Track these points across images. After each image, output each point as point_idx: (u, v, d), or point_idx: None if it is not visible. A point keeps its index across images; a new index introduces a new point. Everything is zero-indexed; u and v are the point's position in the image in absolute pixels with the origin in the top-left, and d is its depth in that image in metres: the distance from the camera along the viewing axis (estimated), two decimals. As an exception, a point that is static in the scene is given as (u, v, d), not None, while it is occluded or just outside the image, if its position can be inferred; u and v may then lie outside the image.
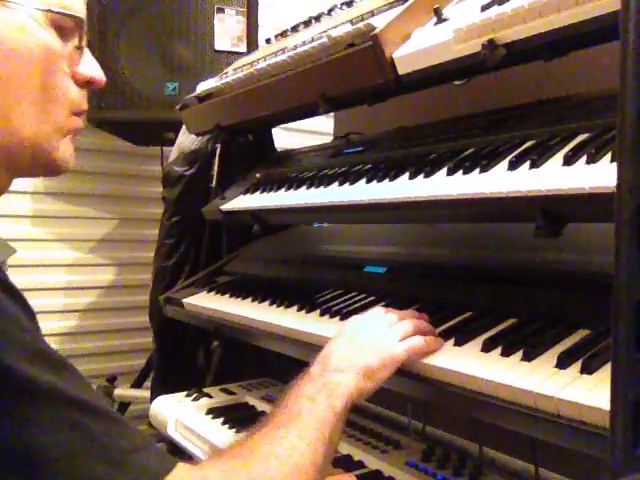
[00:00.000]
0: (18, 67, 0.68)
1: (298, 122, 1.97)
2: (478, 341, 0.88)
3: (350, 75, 1.18)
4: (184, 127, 1.86)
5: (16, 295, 0.62)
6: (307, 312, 1.21)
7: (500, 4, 0.91)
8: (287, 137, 2.30)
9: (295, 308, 1.25)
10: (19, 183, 2.53)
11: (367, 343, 0.87)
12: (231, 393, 1.57)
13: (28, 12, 0.68)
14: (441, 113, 1.35)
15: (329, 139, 1.83)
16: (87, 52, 0.77)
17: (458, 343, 0.89)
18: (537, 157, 0.86)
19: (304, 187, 1.32)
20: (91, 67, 0.77)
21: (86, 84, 0.77)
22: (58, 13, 0.71)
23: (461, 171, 0.96)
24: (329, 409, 0.78)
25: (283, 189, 1.40)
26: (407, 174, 1.05)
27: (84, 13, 0.75)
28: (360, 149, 1.46)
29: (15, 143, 0.69)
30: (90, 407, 0.60)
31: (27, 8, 0.68)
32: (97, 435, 0.60)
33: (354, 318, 0.97)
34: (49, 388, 0.58)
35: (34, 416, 0.57)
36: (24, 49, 0.68)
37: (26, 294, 0.64)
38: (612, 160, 0.76)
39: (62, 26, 0.72)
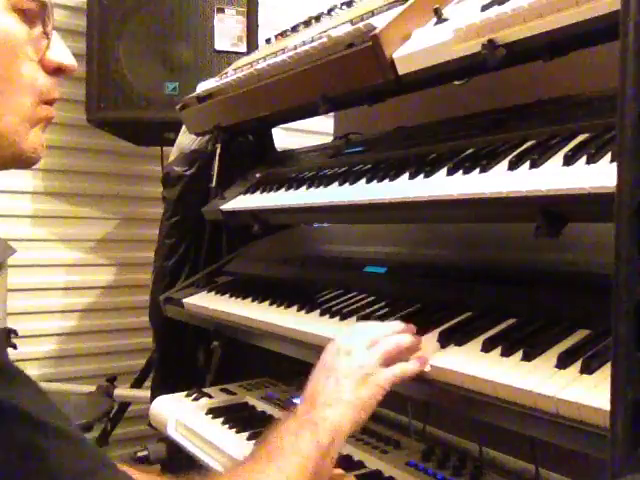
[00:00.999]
0: None
1: (298, 122, 1.97)
2: (478, 341, 0.88)
3: (350, 75, 1.18)
4: (184, 127, 1.85)
5: None
6: (307, 312, 1.21)
7: (500, 4, 0.91)
8: (287, 137, 2.30)
9: (295, 308, 1.25)
10: (19, 183, 2.54)
11: (352, 373, 0.85)
12: (231, 393, 1.57)
13: None
14: (441, 113, 1.35)
15: (329, 139, 1.83)
16: (56, 37, 0.72)
17: (458, 343, 0.89)
18: (537, 157, 0.86)
19: (304, 187, 1.32)
20: (60, 53, 0.71)
21: (56, 71, 0.72)
22: None
23: (461, 171, 0.96)
24: (313, 444, 0.77)
25: (283, 189, 1.40)
26: (407, 174, 1.05)
27: None
28: (360, 149, 1.46)
29: None
30: (45, 425, 0.56)
31: None
32: (51, 455, 0.56)
33: (332, 344, 0.91)
34: (1, 403, 0.54)
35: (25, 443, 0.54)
36: None
37: (26, 294, 0.63)
38: (612, 160, 0.75)
39: (25, 10, 0.67)
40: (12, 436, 0.54)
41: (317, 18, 1.56)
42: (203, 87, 1.69)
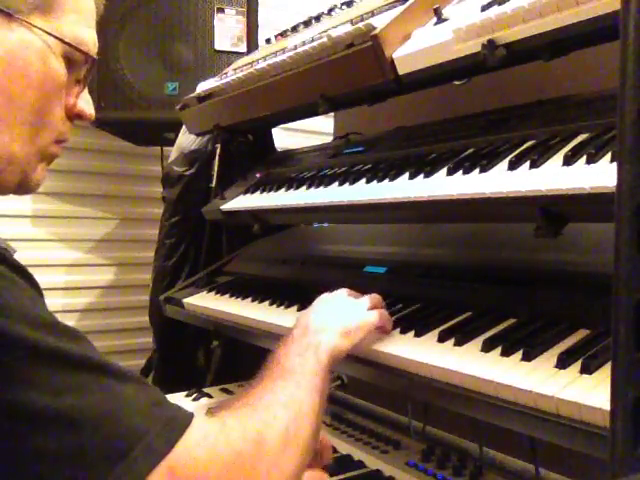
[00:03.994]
0: (25, 88, 0.71)
1: (298, 122, 1.97)
2: (478, 341, 0.88)
3: (350, 75, 1.18)
4: (184, 127, 1.86)
5: (26, 274, 0.65)
6: (307, 312, 1.20)
7: (500, 4, 0.91)
8: (287, 137, 2.30)
9: (295, 308, 1.25)
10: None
11: (341, 309, 0.96)
12: (231, 393, 1.57)
13: (47, 40, 0.72)
14: (441, 113, 1.35)
15: (329, 139, 1.83)
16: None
17: (458, 343, 0.89)
18: (537, 157, 0.86)
19: (304, 187, 1.32)
20: (86, 102, 0.80)
21: (75, 117, 0.80)
22: (74, 47, 0.74)
23: (461, 171, 0.96)
24: (317, 363, 0.85)
25: (283, 189, 1.40)
26: (407, 174, 1.05)
27: (95, 50, 0.78)
28: (360, 149, 1.46)
29: (1, 158, 0.72)
30: (112, 370, 0.63)
31: (46, 36, 0.72)
32: (124, 393, 0.63)
33: (318, 299, 1.01)
34: (72, 355, 0.61)
35: (61, 382, 0.59)
36: (35, 74, 0.71)
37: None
38: (612, 160, 0.76)
39: (72, 59, 0.75)
40: (88, 382, 0.61)
41: (317, 18, 1.56)
42: (203, 87, 1.70)
